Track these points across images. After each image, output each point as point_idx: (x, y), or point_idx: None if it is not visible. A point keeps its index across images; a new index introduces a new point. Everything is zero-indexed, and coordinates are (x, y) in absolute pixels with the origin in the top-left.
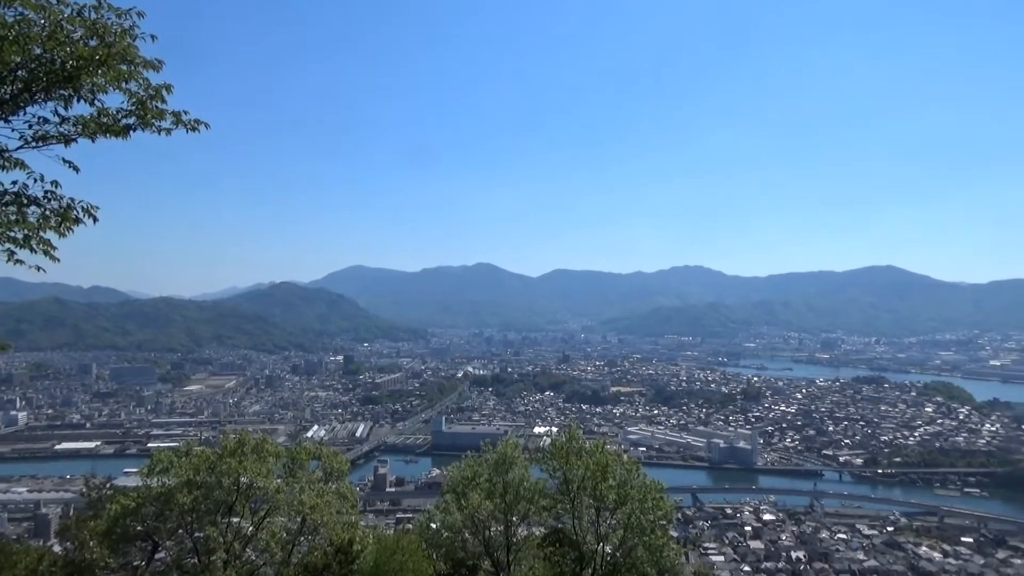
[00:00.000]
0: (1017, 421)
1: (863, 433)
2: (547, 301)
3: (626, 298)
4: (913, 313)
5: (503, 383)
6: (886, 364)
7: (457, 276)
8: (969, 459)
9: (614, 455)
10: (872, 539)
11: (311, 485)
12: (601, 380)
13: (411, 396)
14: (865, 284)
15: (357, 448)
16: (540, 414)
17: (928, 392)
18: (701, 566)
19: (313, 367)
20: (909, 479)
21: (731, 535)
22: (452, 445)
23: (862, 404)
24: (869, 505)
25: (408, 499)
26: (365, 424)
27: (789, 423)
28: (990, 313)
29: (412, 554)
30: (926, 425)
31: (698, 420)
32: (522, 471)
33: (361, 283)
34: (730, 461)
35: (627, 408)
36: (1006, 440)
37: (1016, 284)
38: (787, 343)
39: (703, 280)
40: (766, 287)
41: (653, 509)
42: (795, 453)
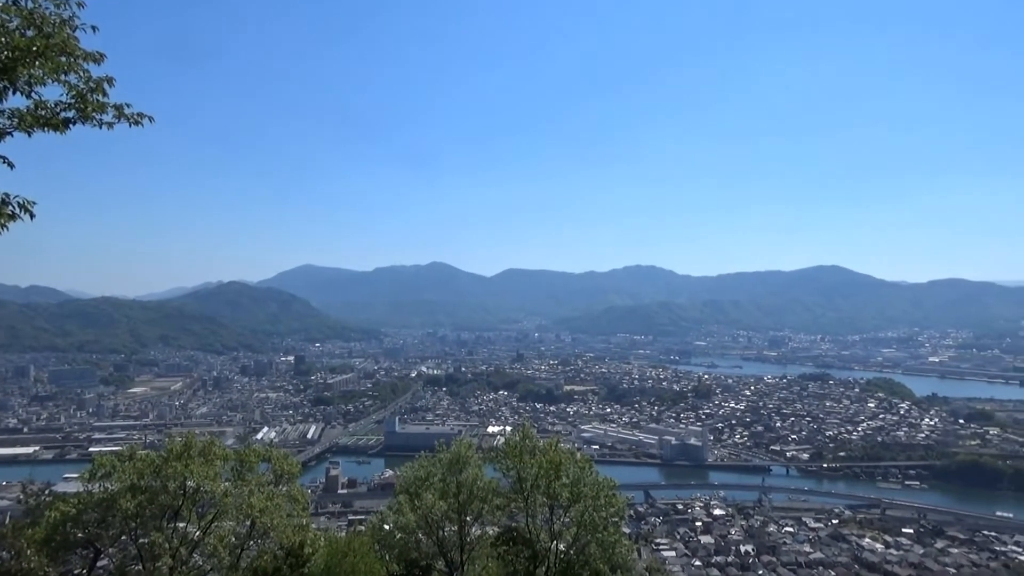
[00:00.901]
0: (954, 415)
1: (809, 429)
2: (501, 300)
3: (579, 297)
4: (857, 312)
5: (457, 383)
6: (831, 361)
7: (411, 275)
8: (909, 453)
9: (567, 453)
10: (818, 532)
11: (260, 488)
12: (555, 379)
13: (364, 396)
14: (811, 284)
15: (308, 450)
16: (494, 413)
17: (871, 388)
18: (653, 562)
19: (263, 368)
20: (853, 473)
21: (682, 530)
22: (405, 445)
23: (808, 400)
24: (815, 499)
25: (361, 500)
26: (317, 425)
27: (738, 420)
28: (929, 311)
29: (364, 556)
30: (869, 420)
31: (650, 418)
32: (476, 470)
33: (312, 282)
34: (681, 458)
35: (580, 406)
36: (944, 434)
37: (953, 283)
38: (736, 341)
39: (655, 280)
40: (716, 286)
41: (606, 506)
42: (744, 449)
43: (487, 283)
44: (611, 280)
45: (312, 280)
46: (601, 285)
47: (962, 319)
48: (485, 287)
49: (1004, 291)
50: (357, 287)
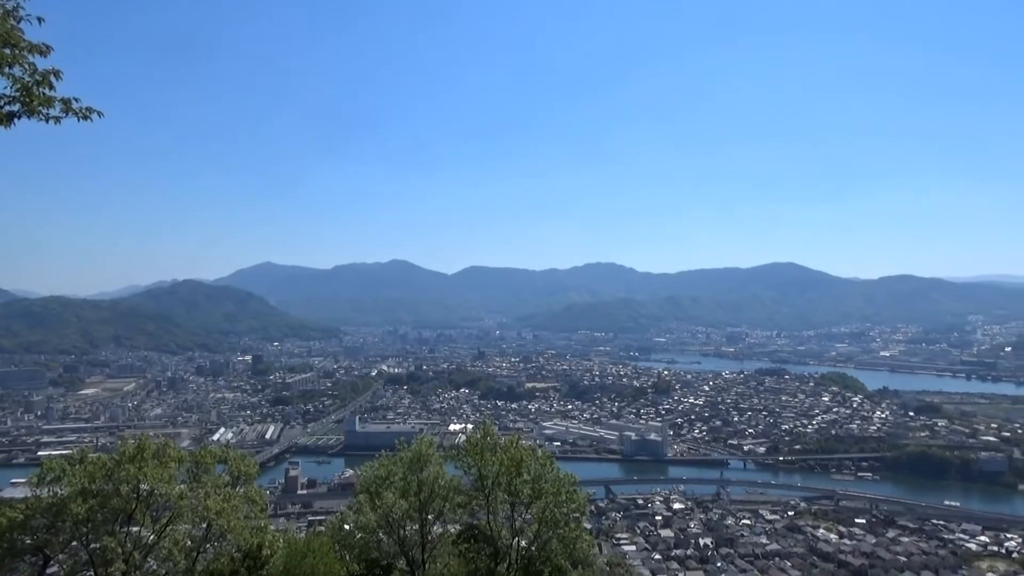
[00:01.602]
0: (905, 408)
1: (766, 423)
2: (462, 298)
3: (540, 295)
4: (812, 308)
5: (418, 381)
6: (787, 356)
7: (371, 273)
8: (862, 445)
9: (528, 450)
10: (774, 524)
11: (217, 490)
12: (516, 376)
13: (323, 396)
14: (768, 280)
15: (267, 450)
16: (456, 411)
17: (825, 383)
18: (614, 556)
19: (219, 368)
20: (808, 465)
21: (643, 525)
22: (366, 445)
23: (765, 395)
24: (772, 491)
25: (321, 501)
26: (275, 425)
27: (697, 415)
28: (880, 307)
29: (324, 556)
30: (823, 414)
31: (611, 414)
32: (437, 469)
33: (271, 280)
34: (641, 453)
35: (542, 403)
36: (895, 426)
37: (903, 279)
38: (695, 337)
39: (615, 277)
40: (676, 283)
41: (567, 502)
42: (703, 443)
43: (448, 281)
44: (572, 277)
45: (271, 278)
46: (562, 282)
47: (912, 314)
48: (446, 285)
49: (952, 287)
50: (317, 285)
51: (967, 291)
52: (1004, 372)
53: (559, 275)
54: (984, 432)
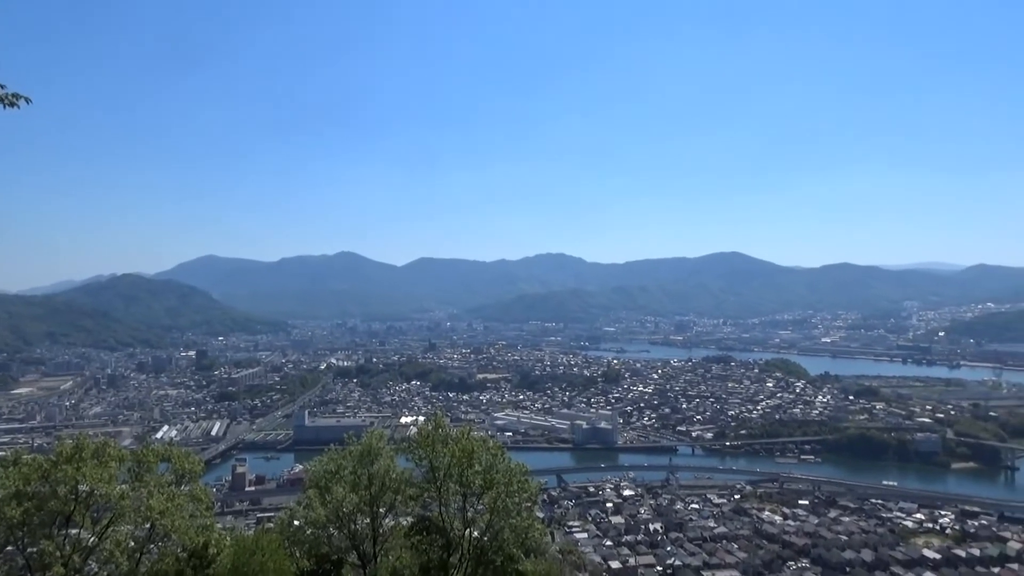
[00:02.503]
0: (845, 392)
1: (713, 409)
2: (413, 290)
3: (491, 286)
4: (756, 296)
5: (368, 374)
6: (733, 344)
7: (318, 265)
8: (805, 428)
9: (480, 441)
10: (722, 507)
11: (160, 489)
12: (467, 368)
13: (271, 391)
14: (714, 269)
15: (213, 447)
16: (407, 404)
17: (769, 369)
18: (565, 544)
19: (162, 364)
20: (753, 450)
21: (594, 512)
22: (316, 439)
23: (712, 382)
24: (719, 476)
25: (269, 497)
26: (221, 422)
27: (646, 403)
28: (822, 294)
29: (273, 553)
30: (768, 399)
31: (562, 403)
32: (388, 462)
33: (214, 274)
34: (592, 441)
35: (493, 394)
36: (835, 410)
37: (843, 268)
38: (644, 326)
39: (565, 267)
40: (624, 273)
41: (518, 492)
42: (652, 431)
43: (398, 272)
44: (522, 268)
45: (214, 271)
46: (513, 273)
47: (851, 301)
48: (396, 277)
49: (888, 274)
50: (262, 278)
51: (903, 278)
52: (938, 356)
53: (509, 266)
54: (919, 414)
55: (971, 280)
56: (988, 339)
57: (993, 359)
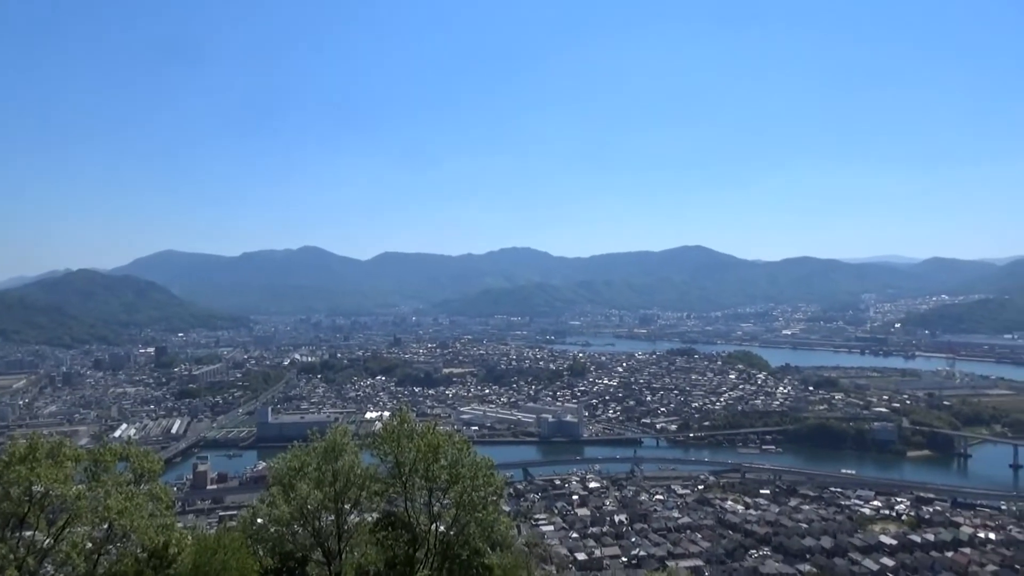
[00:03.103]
0: (805, 383)
1: (677, 401)
2: (377, 285)
3: (456, 280)
4: (719, 289)
5: (333, 369)
6: (696, 337)
7: (281, 260)
8: (766, 419)
9: (445, 436)
10: (685, 498)
11: (118, 488)
12: (433, 362)
13: (233, 387)
14: (678, 263)
15: (173, 446)
16: (372, 399)
17: (732, 361)
18: (531, 537)
19: (120, 361)
20: (716, 440)
21: (560, 505)
22: (279, 436)
23: (676, 375)
24: (683, 467)
25: (232, 495)
26: (182, 419)
27: (612, 395)
28: (783, 288)
29: (235, 552)
30: (730, 391)
31: (528, 397)
32: (352, 457)
33: (174, 269)
34: (558, 434)
35: (459, 389)
36: (796, 401)
37: (803, 261)
38: (609, 320)
39: (530, 261)
40: (590, 267)
41: (484, 486)
42: (617, 423)
43: (362, 267)
44: (488, 262)
45: (173, 266)
46: (478, 268)
47: (811, 294)
48: (360, 271)
49: (847, 267)
50: (224, 273)
51: (861, 271)
52: (894, 347)
53: (475, 260)
54: (877, 404)
55: (926, 273)
56: (942, 330)
57: (947, 350)
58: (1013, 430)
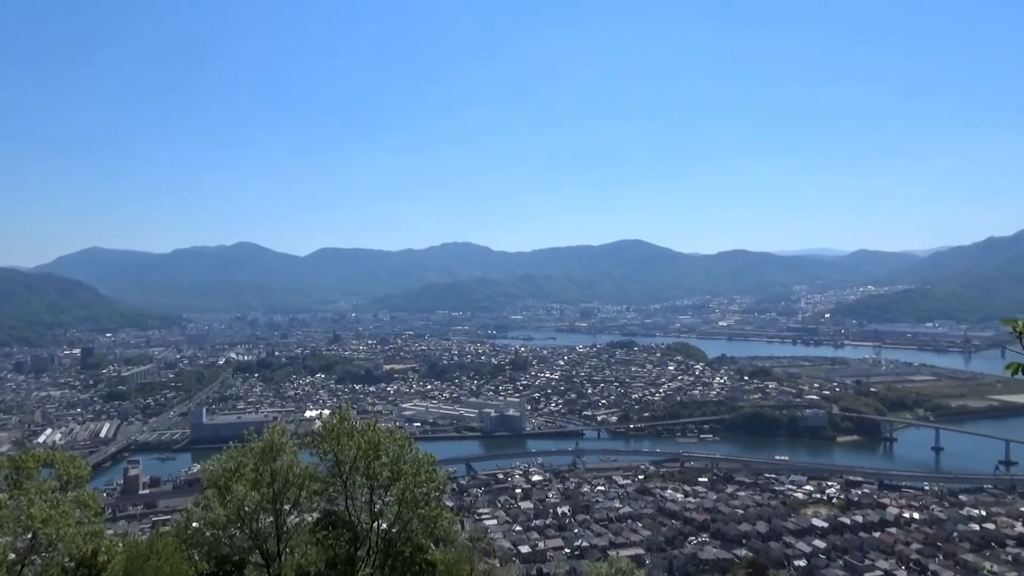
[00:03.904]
0: (740, 373)
1: (617, 393)
2: (316, 281)
3: (397, 276)
4: (658, 282)
5: (270, 368)
6: (636, 329)
7: (215, 256)
8: (704, 409)
9: (386, 433)
10: (626, 488)
11: (42, 496)
12: (374, 359)
13: (165, 388)
14: (618, 257)
15: (102, 450)
16: (311, 397)
17: (670, 352)
18: (475, 531)
19: (43, 363)
20: (656, 431)
21: (503, 498)
22: (215, 437)
23: (616, 367)
24: (624, 458)
25: (166, 500)
26: (111, 423)
27: (554, 389)
28: (718, 280)
29: (169, 557)
30: (669, 382)
31: (470, 392)
32: (291, 457)
33: (100, 267)
34: (501, 429)
35: (401, 385)
36: (732, 390)
37: (737, 254)
38: (551, 314)
39: (472, 256)
40: (531, 262)
41: (426, 482)
42: (559, 416)
43: (300, 263)
44: (429, 257)
45: (99, 264)
46: (419, 263)
47: (746, 286)
48: (298, 267)
49: (779, 260)
50: (154, 271)
51: (792, 263)
52: (824, 337)
53: (416, 255)
54: (808, 392)
55: (853, 264)
56: (869, 320)
57: (873, 338)
58: (935, 414)
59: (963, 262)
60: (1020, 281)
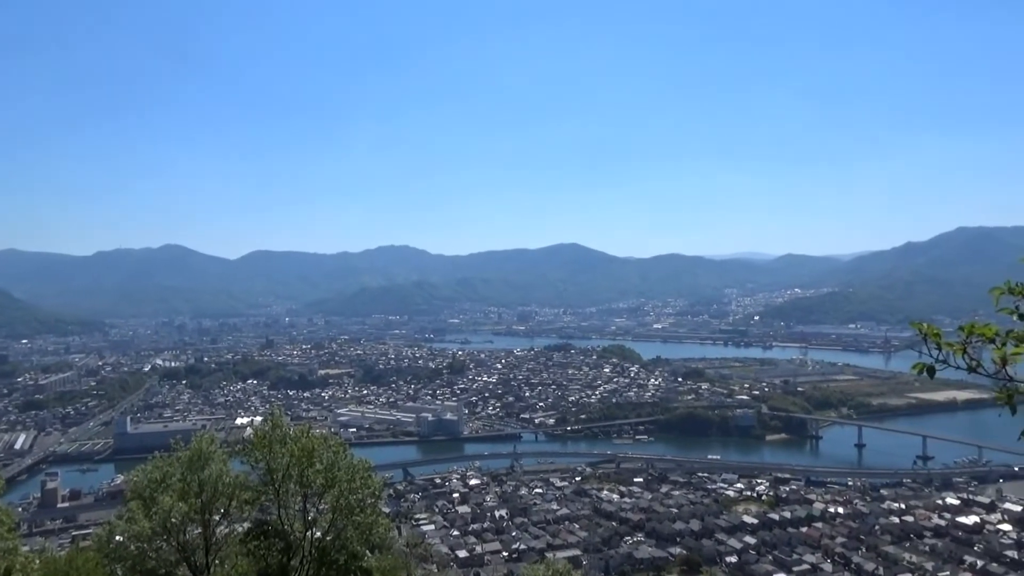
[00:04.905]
0: (674, 374)
1: (554, 396)
2: (248, 284)
3: (332, 279)
4: (594, 285)
5: (199, 374)
6: (572, 332)
7: (141, 259)
8: (639, 410)
9: (320, 439)
10: (563, 490)
11: None
12: (308, 364)
13: (86, 397)
14: (555, 260)
15: (17, 462)
16: (242, 404)
17: (606, 355)
18: (412, 537)
19: None
20: (593, 432)
21: (441, 503)
22: (140, 447)
23: (553, 370)
24: (561, 459)
25: (87, 513)
26: (27, 433)
27: (491, 392)
28: (653, 283)
29: (89, 573)
30: (605, 384)
31: (407, 396)
32: (221, 466)
33: (16, 270)
34: (438, 433)
35: (336, 390)
36: (666, 391)
37: (671, 258)
38: (488, 317)
39: (409, 259)
40: (468, 265)
41: (361, 488)
42: (497, 419)
43: (231, 266)
44: (365, 260)
45: (16, 267)
46: (355, 266)
47: (679, 289)
48: (229, 270)
49: (712, 264)
50: (74, 274)
51: (724, 267)
52: (754, 338)
53: (351, 258)
54: (739, 392)
55: (781, 268)
56: (795, 321)
57: (800, 339)
58: (857, 412)
59: (883, 266)
60: (936, 284)
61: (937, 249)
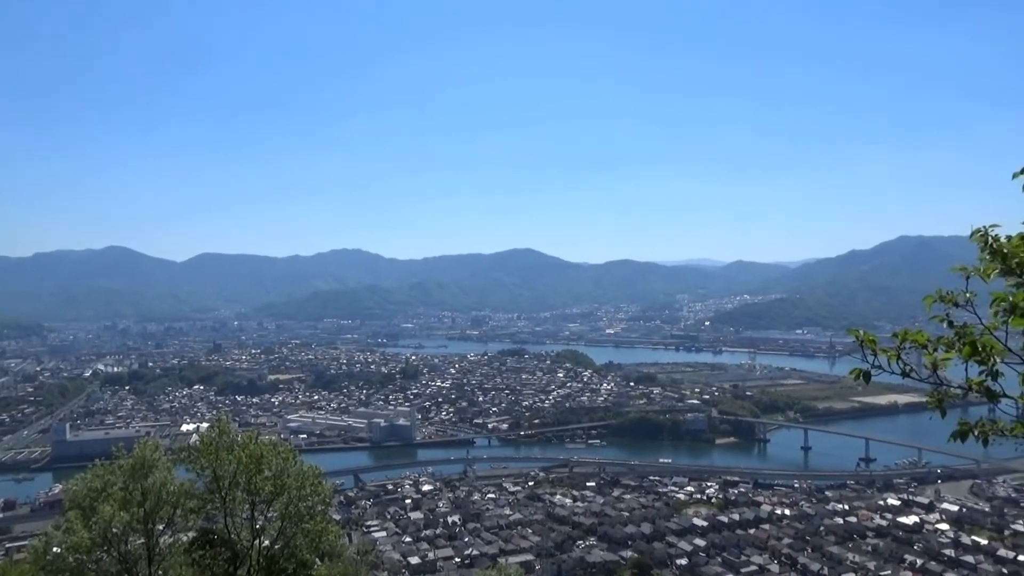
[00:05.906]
0: (627, 379)
1: (508, 400)
2: (195, 288)
3: (283, 283)
4: (548, 290)
5: (143, 380)
6: (526, 337)
7: (82, 261)
8: (592, 415)
9: (269, 445)
10: (517, 494)
11: None
12: (258, 369)
13: (23, 403)
14: (509, 265)
15: None
16: (188, 410)
17: (560, 360)
18: (362, 544)
19: None
20: (546, 437)
21: (393, 510)
22: (80, 455)
23: (507, 375)
24: (514, 464)
25: (22, 524)
26: None
27: (445, 397)
28: (606, 289)
29: None
30: (559, 389)
31: (359, 402)
32: (164, 474)
33: None
34: (391, 439)
35: (286, 396)
36: (618, 396)
37: (624, 264)
38: (442, 322)
39: (361, 263)
40: (422, 269)
41: (311, 495)
42: (450, 425)
43: (178, 269)
44: (317, 264)
45: None
46: (306, 269)
47: (632, 295)
48: (175, 273)
49: (664, 270)
50: (11, 276)
51: (676, 273)
52: (704, 343)
53: (302, 262)
54: (690, 396)
55: (731, 274)
56: (745, 327)
57: (749, 344)
58: (804, 416)
59: (829, 273)
60: (878, 291)
61: (880, 257)
